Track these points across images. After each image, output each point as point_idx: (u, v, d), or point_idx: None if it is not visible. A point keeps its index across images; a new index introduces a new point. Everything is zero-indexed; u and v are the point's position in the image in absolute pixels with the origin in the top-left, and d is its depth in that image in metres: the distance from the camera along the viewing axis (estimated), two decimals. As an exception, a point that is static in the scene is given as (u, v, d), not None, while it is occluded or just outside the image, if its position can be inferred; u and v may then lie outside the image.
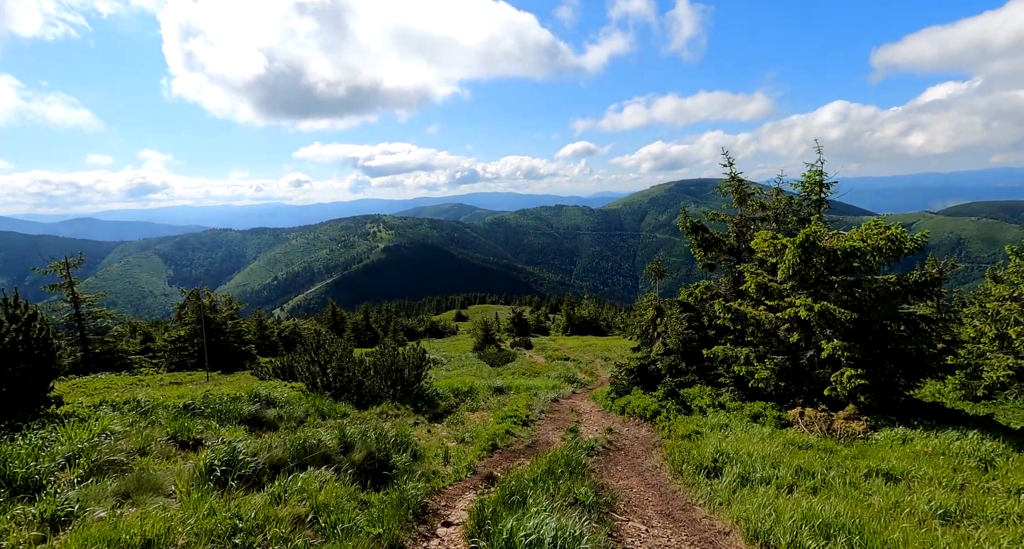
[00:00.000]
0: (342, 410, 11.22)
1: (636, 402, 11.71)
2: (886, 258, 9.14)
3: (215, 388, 13.79)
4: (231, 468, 5.13)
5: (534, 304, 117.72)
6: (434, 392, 15.02)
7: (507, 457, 8.06)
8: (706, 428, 8.71)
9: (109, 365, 20.52)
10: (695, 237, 13.26)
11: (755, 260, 12.56)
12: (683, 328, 12.93)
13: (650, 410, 10.92)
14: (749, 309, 10.87)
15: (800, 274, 10.01)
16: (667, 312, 14.81)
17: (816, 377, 10.00)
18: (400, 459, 6.73)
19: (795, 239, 9.37)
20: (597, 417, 12.86)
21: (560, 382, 22.29)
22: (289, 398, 10.72)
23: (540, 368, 28.72)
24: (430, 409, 13.43)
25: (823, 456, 6.85)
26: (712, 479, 6.00)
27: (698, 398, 11.29)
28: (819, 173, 11.27)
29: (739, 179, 12.64)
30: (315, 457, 5.94)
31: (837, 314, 8.90)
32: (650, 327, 15.19)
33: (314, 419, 10.01)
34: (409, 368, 14.01)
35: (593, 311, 66.61)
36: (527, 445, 8.96)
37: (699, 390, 11.91)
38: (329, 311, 70.70)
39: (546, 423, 11.52)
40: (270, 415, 9.46)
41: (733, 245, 12.81)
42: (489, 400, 16.39)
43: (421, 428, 11.49)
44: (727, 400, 11.06)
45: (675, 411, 10.82)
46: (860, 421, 8.65)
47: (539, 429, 10.74)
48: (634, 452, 8.40)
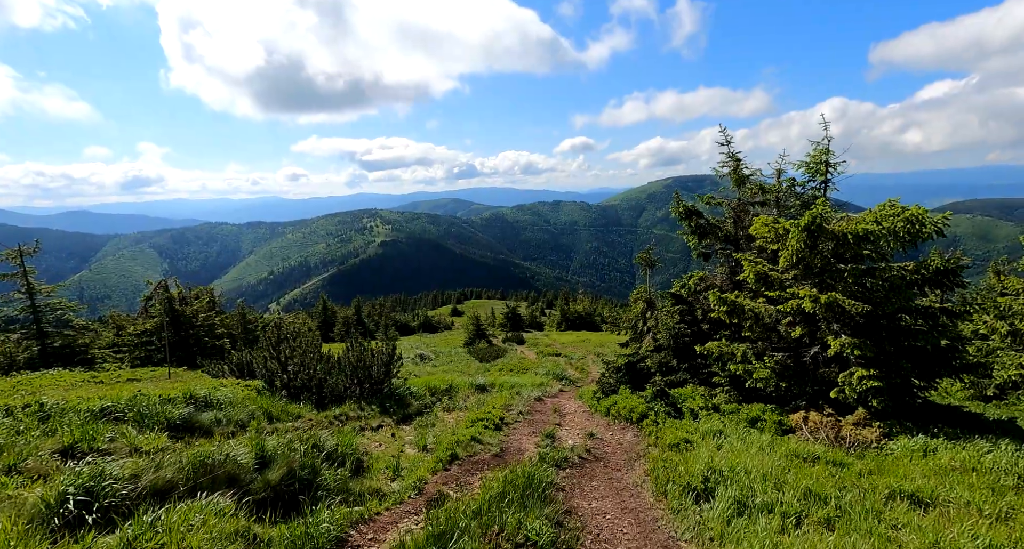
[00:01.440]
0: (296, 412, 10.12)
1: (622, 403, 10.65)
2: (902, 243, 8.07)
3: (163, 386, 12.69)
4: (92, 498, 4.03)
5: (530, 299, 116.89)
6: (407, 391, 13.92)
7: (467, 470, 6.98)
8: (697, 436, 7.65)
9: (69, 360, 19.37)
10: (689, 223, 12.17)
11: (754, 248, 11.48)
12: (675, 322, 11.87)
13: (636, 412, 9.86)
14: (747, 301, 9.80)
15: (804, 262, 8.94)
16: (658, 305, 13.74)
17: (821, 377, 8.95)
18: (331, 476, 5.63)
19: (799, 222, 8.28)
20: (581, 419, 11.81)
21: (547, 379, 21.23)
22: (234, 399, 9.61)
23: (529, 364, 27.65)
24: (400, 410, 12.34)
25: (834, 472, 5.79)
26: (702, 504, 4.93)
27: (690, 399, 10.23)
28: (825, 152, 10.17)
29: (737, 159, 11.53)
30: (218, 477, 4.85)
31: (847, 306, 7.83)
32: (640, 321, 14.11)
33: (259, 423, 8.90)
34: (378, 365, 12.90)
35: (588, 306, 65.61)
36: (494, 454, 7.88)
37: (691, 390, 10.86)
38: (320, 306, 69.55)
39: (523, 426, 10.45)
40: (205, 419, 8.35)
41: (730, 232, 11.73)
42: (469, 399, 15.32)
43: (385, 432, 10.42)
44: (721, 402, 10.01)
45: (664, 414, 9.77)
46: (872, 427, 7.60)
47: (513, 434, 9.66)
48: (615, 463, 7.34)
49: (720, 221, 11.99)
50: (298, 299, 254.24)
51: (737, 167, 11.46)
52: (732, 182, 11.65)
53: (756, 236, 10.23)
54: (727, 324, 11.97)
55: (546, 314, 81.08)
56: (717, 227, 11.88)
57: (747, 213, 11.81)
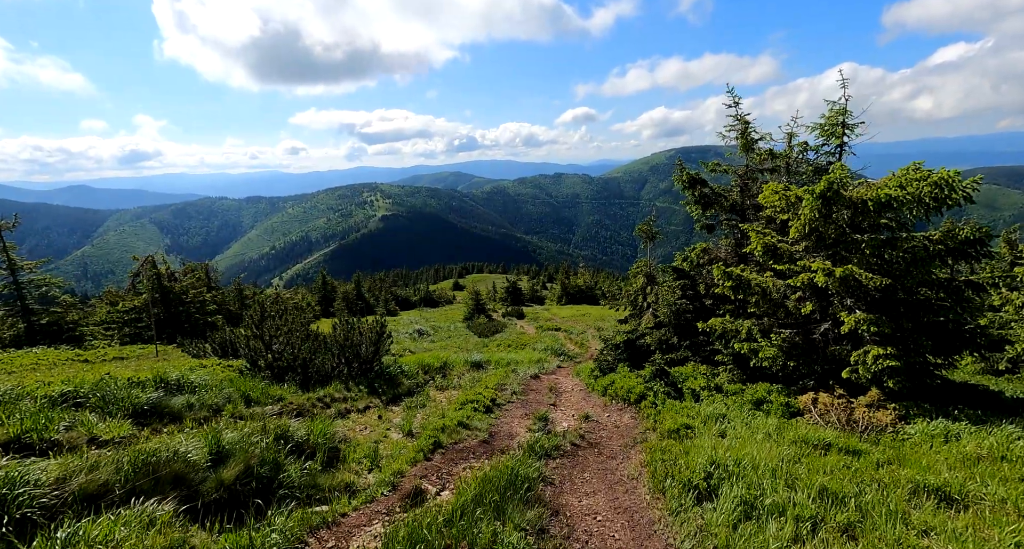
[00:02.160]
0: (278, 394, 9.64)
1: (620, 383, 10.15)
2: (926, 210, 7.36)
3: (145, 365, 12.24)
4: (2, 509, 3.51)
5: (532, 273, 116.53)
6: (398, 369, 13.47)
7: (451, 459, 6.50)
8: (699, 420, 7.13)
9: (56, 337, 19.01)
10: (692, 193, 11.42)
11: (762, 218, 10.77)
12: (676, 298, 11.27)
13: (635, 393, 9.37)
14: (753, 275, 9.16)
15: (817, 232, 8.25)
16: (659, 280, 13.11)
17: (831, 355, 8.38)
18: (297, 471, 5.13)
19: (814, 188, 7.55)
20: (577, 398, 11.36)
21: (546, 355, 20.83)
22: (211, 381, 9.12)
23: (528, 339, 27.30)
24: (390, 390, 11.90)
25: (849, 463, 5.27)
26: (705, 504, 4.41)
27: (691, 379, 9.71)
28: (842, 112, 9.32)
29: (746, 122, 10.67)
30: (162, 478, 4.34)
31: (864, 280, 7.19)
32: (639, 296, 13.51)
33: (235, 407, 8.43)
34: (367, 343, 12.41)
35: (589, 280, 65.08)
36: (482, 440, 7.41)
37: (692, 369, 10.34)
38: (319, 281, 69.21)
39: (515, 408, 9.99)
40: (176, 404, 7.86)
41: (736, 201, 10.99)
42: (464, 377, 14.91)
43: (371, 414, 9.98)
44: (724, 381, 9.50)
45: (664, 395, 9.27)
46: (887, 410, 7.07)
47: (504, 417, 9.20)
48: (610, 449, 6.85)
49: (726, 190, 11.24)
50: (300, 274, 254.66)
51: (745, 131, 10.62)
52: (740, 147, 10.83)
53: (765, 205, 9.51)
54: (731, 300, 11.37)
55: (547, 288, 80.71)
56: (722, 196, 11.13)
57: (755, 181, 11.05)
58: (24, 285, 18.89)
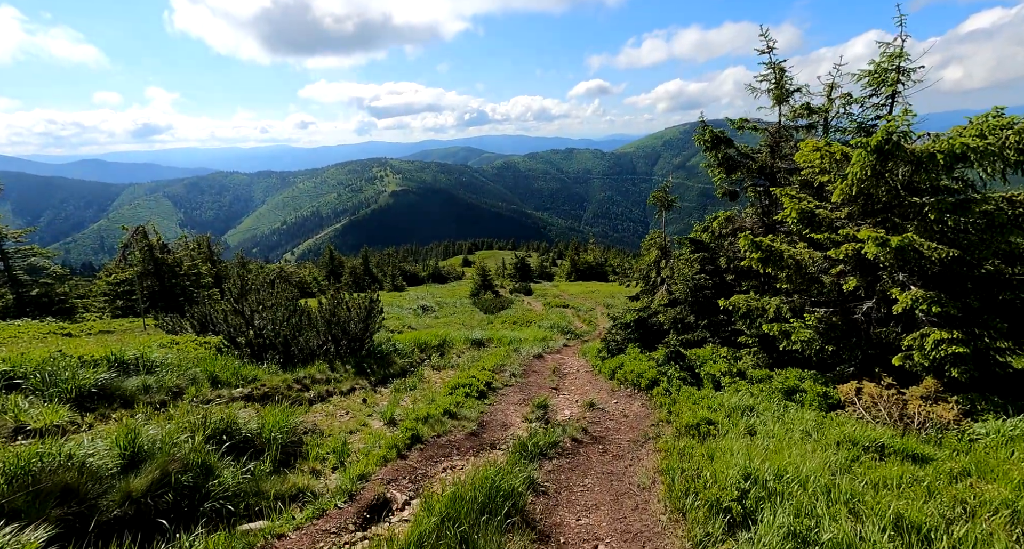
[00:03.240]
0: (251, 374, 8.77)
1: (630, 366, 9.14)
2: (1004, 167, 6.09)
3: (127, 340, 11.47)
4: None
5: (542, 250, 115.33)
6: (391, 348, 12.59)
7: (430, 456, 5.56)
8: (722, 414, 6.09)
9: (46, 309, 18.46)
10: (715, 154, 10.13)
11: (795, 183, 9.50)
12: (694, 272, 10.13)
13: (646, 378, 8.35)
14: (785, 247, 7.98)
15: (867, 195, 7.02)
16: (674, 253, 11.95)
17: (877, 338, 7.26)
18: (234, 476, 4.21)
19: (869, 140, 6.29)
20: (582, 381, 10.39)
21: (551, 333, 19.88)
22: (176, 360, 8.25)
23: (534, 316, 26.37)
24: (380, 370, 11.03)
25: (916, 474, 4.22)
26: (739, 534, 3.40)
27: (709, 363, 8.65)
28: (898, 54, 7.92)
29: (781, 69, 9.26)
30: (44, 491, 3.42)
31: (927, 251, 6.00)
32: (652, 271, 12.37)
33: (199, 390, 7.56)
34: (355, 320, 11.49)
35: (599, 256, 63.74)
36: (470, 432, 6.46)
37: (711, 352, 9.27)
38: (326, 255, 68.76)
39: (513, 392, 9.04)
40: (129, 386, 7.00)
41: (765, 163, 9.70)
42: (463, 356, 14.03)
43: (355, 397, 9.11)
44: (748, 366, 8.43)
45: (679, 380, 8.24)
46: (948, 404, 5.97)
47: (499, 403, 8.25)
48: (617, 446, 5.87)
49: (753, 151, 9.94)
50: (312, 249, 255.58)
51: (780, 80, 9.23)
52: (772, 98, 9.46)
53: (801, 166, 8.25)
54: (756, 274, 10.21)
55: (557, 265, 79.56)
56: (749, 158, 9.84)
57: (787, 141, 9.74)
58: (10, 255, 18.23)
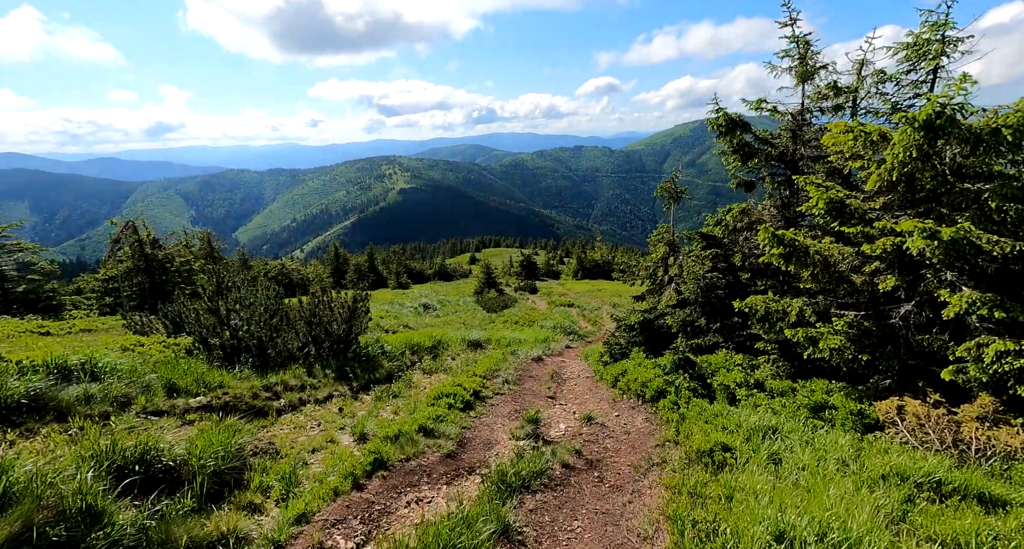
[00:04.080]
0: (217, 381, 7.98)
1: (634, 373, 8.24)
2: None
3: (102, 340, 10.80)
4: None
5: (549, 248, 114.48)
6: (379, 350, 11.78)
7: (393, 486, 4.71)
8: (740, 436, 5.18)
9: (32, 306, 17.94)
10: (730, 140, 9.17)
11: (819, 171, 8.53)
12: (705, 270, 9.20)
13: (651, 388, 7.46)
14: (811, 241, 7.03)
15: (908, 182, 6.06)
16: (684, 250, 11.01)
17: (918, 347, 6.31)
18: (132, 519, 3.39)
19: (916, 114, 5.34)
20: (582, 388, 9.51)
21: (553, 334, 19.00)
22: (129, 365, 7.48)
23: (538, 315, 25.51)
24: (364, 374, 10.22)
25: (995, 528, 3.30)
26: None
27: (723, 372, 7.73)
28: (943, 23, 6.93)
29: (807, 43, 8.28)
30: None
31: (986, 245, 5.04)
32: (659, 268, 11.43)
33: (151, 400, 6.78)
34: (338, 321, 10.69)
35: (606, 254, 62.68)
36: (446, 454, 5.61)
37: (725, 358, 8.34)
38: (332, 253, 68.48)
39: (504, 403, 8.18)
40: (67, 397, 6.23)
41: (786, 149, 8.73)
42: (458, 358, 13.21)
43: (331, 406, 8.31)
44: (767, 376, 7.50)
45: (688, 392, 7.33)
46: (1012, 427, 5.02)
47: (487, 415, 7.39)
48: (616, 473, 5.00)
49: (772, 136, 8.98)
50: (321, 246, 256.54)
51: (806, 55, 8.24)
52: (795, 77, 8.48)
53: (828, 151, 7.30)
54: (775, 273, 9.26)
55: (564, 263, 78.61)
56: (768, 143, 8.88)
57: (810, 125, 8.77)
58: (-8, 250, 17.72)
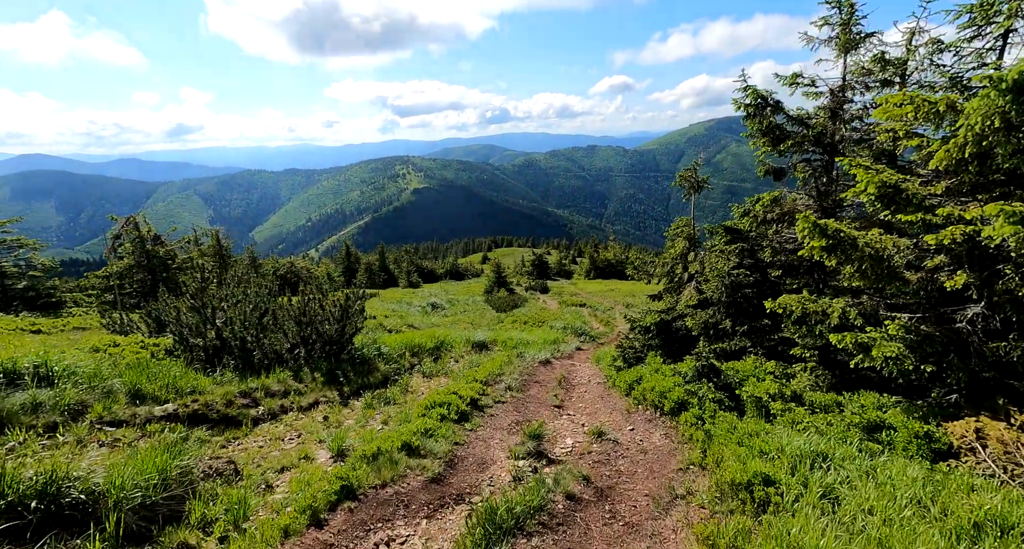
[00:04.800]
0: (190, 385, 7.25)
1: (650, 381, 7.34)
2: None
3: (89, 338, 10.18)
4: None
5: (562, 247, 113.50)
6: (375, 352, 11.01)
7: (362, 521, 3.90)
8: (783, 466, 4.26)
9: (32, 303, 17.59)
10: (759, 122, 8.22)
11: (862, 153, 7.55)
12: (730, 267, 8.26)
13: (671, 399, 6.56)
14: (860, 232, 6.08)
15: (982, 160, 5.09)
16: (706, 244, 10.06)
17: (993, 355, 5.32)
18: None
19: (1004, 74, 4.38)
20: (592, 396, 8.64)
21: (564, 335, 18.13)
22: (91, 369, 6.79)
23: (548, 315, 24.62)
24: (357, 378, 9.46)
25: None
26: None
27: (753, 381, 6.80)
28: (1015, -22, 5.92)
29: (851, 5, 7.29)
30: None
31: (1093, 233, 4.07)
32: (678, 265, 10.48)
33: (110, 407, 6.07)
34: (330, 320, 9.94)
35: (619, 254, 61.49)
36: (431, 477, 4.78)
37: (754, 366, 7.40)
38: (343, 252, 68.43)
39: (505, 413, 7.33)
40: (12, 404, 5.55)
41: (824, 129, 7.75)
42: (461, 361, 12.43)
43: (316, 414, 7.55)
44: (805, 387, 6.55)
45: (714, 403, 6.42)
46: (1124, 461, 4.05)
47: (484, 428, 6.56)
48: (631, 508, 4.14)
49: (807, 116, 8.01)
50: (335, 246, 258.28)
51: (849, 22, 7.25)
52: (836, 48, 7.48)
53: (878, 129, 6.34)
54: (810, 269, 8.29)
55: (576, 262, 77.58)
56: (803, 124, 7.90)
57: (853, 103, 7.78)
58: (-9, 246, 17.40)
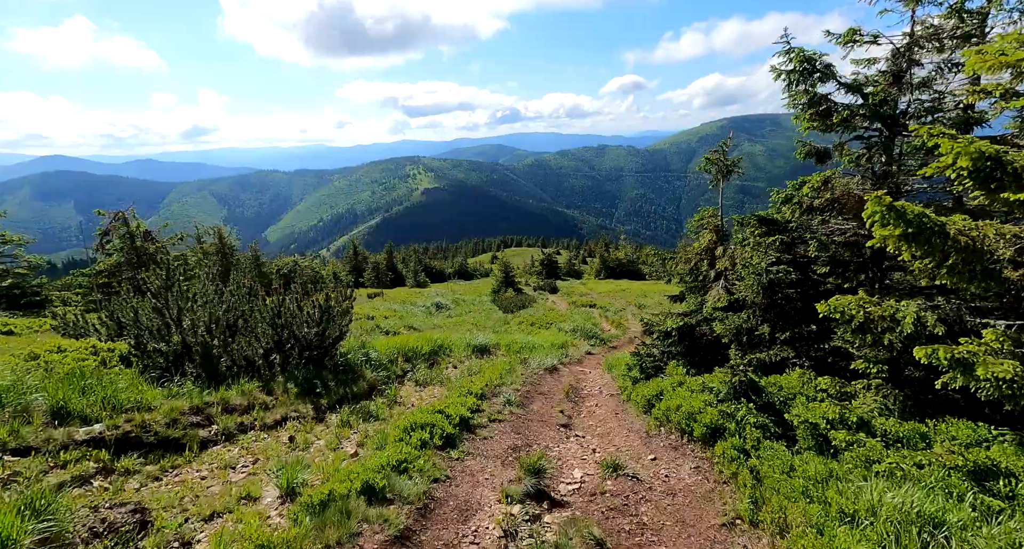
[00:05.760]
0: (134, 399, 6.16)
1: (675, 399, 6.13)
2: None
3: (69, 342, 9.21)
4: None
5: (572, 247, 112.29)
6: (363, 358, 9.90)
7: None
8: (883, 537, 3.03)
9: (15, 302, 16.82)
10: (803, 91, 6.96)
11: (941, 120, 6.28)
12: (768, 263, 7.01)
13: (703, 422, 5.34)
14: (947, 218, 4.80)
15: None
16: (736, 237, 8.80)
17: None
18: None
19: None
20: (605, 411, 7.43)
21: (573, 337, 16.92)
22: (11, 381, 5.74)
23: (556, 317, 23.39)
24: (339, 388, 8.35)
25: None
26: None
27: (802, 401, 5.54)
28: None
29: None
30: None
31: None
32: (703, 261, 9.21)
33: (23, 430, 5.02)
34: (309, 323, 8.83)
35: (630, 253, 60.07)
36: (395, 535, 3.61)
37: (801, 381, 6.13)
38: (350, 251, 67.88)
39: (501, 435, 6.15)
40: None
41: (886, 97, 6.47)
42: (460, 366, 11.31)
43: (282, 433, 6.45)
44: (871, 411, 5.27)
45: (756, 429, 5.18)
46: None
47: (471, 459, 5.38)
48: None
49: (864, 82, 6.74)
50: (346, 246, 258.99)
51: (919, -38, 6.00)
52: None
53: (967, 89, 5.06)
54: (861, 266, 7.02)
55: (587, 262, 76.34)
56: (858, 91, 6.63)
57: (920, 65, 6.51)
58: (-27, 243, 16.63)
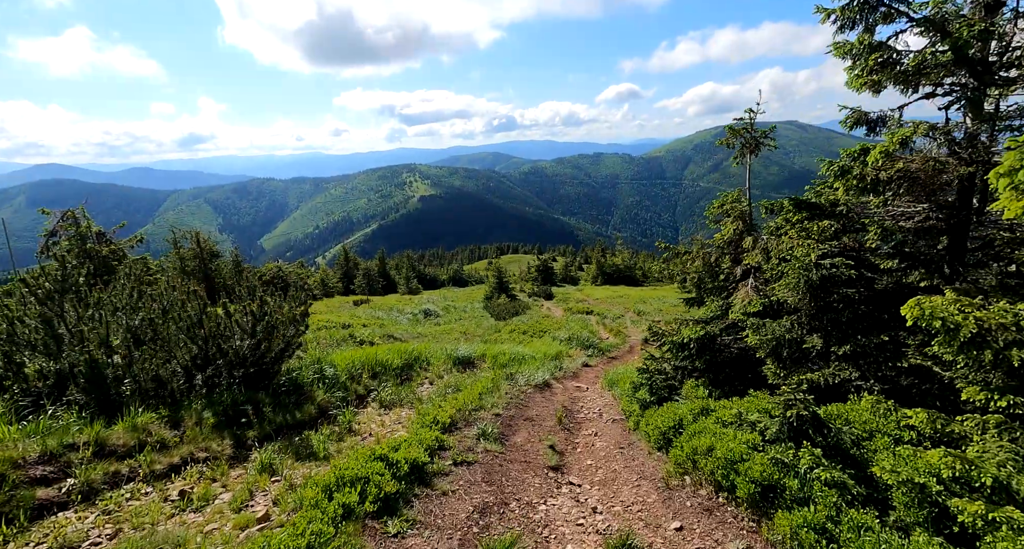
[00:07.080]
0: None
1: (703, 439, 4.48)
2: None
3: None
4: None
5: (568, 254, 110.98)
6: (314, 376, 8.18)
7: None
8: None
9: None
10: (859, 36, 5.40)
11: None
12: (818, 255, 5.40)
13: (748, 475, 3.71)
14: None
15: None
16: (768, 225, 7.19)
17: None
18: None
19: None
20: (607, 445, 5.78)
21: (568, 347, 15.25)
22: None
23: (551, 324, 21.71)
24: (279, 414, 6.67)
25: None
26: None
27: (885, 443, 3.91)
28: None
29: None
30: None
31: None
32: (725, 256, 7.57)
33: None
34: (242, 335, 7.16)
35: (627, 259, 58.51)
36: None
37: (873, 411, 4.48)
38: (341, 257, 66.30)
39: (466, 489, 4.48)
40: None
41: (972, 39, 4.91)
42: (437, 382, 9.67)
43: (171, 487, 4.79)
44: (1002, 461, 3.64)
45: (832, 487, 3.55)
46: None
47: (413, 537, 3.72)
48: None
49: (946, 15, 5.19)
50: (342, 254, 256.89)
51: None
52: None
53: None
54: (933, 260, 5.42)
55: (583, 269, 74.88)
56: (939, 29, 5.07)
57: None
58: None
